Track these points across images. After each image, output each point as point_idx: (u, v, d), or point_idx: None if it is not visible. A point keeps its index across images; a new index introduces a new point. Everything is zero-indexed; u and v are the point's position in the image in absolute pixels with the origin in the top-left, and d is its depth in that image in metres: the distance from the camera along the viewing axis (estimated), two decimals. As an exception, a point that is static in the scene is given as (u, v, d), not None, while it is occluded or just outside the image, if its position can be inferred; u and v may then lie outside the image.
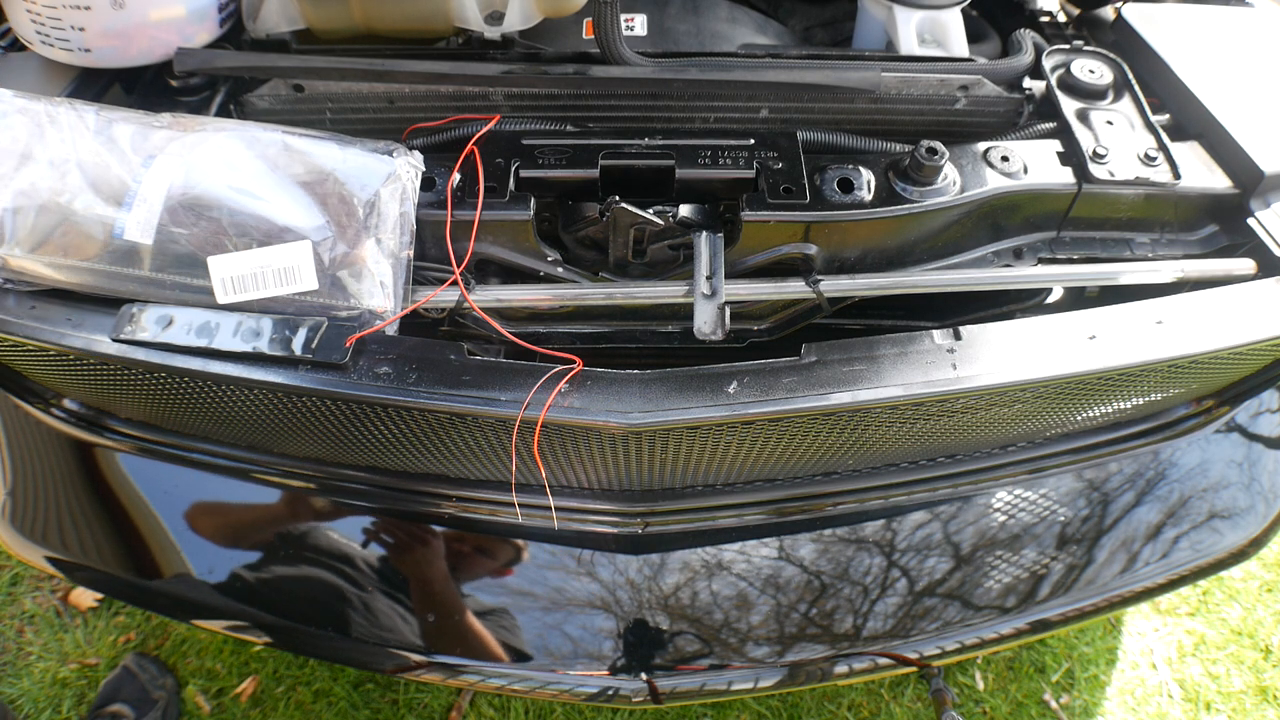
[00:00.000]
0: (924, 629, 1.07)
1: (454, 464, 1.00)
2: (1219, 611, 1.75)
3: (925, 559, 1.10)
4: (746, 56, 0.98)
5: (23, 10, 0.86)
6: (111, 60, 0.89)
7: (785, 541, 1.10)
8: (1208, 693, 1.64)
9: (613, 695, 1.05)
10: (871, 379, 0.77)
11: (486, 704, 1.59)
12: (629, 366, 0.80)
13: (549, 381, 0.76)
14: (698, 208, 0.86)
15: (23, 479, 1.17)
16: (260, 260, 0.70)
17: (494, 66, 0.90)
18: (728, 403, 0.77)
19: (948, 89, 0.95)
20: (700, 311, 0.78)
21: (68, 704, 1.59)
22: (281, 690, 1.60)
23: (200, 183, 0.72)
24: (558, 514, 1.08)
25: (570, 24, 1.07)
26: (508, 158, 0.83)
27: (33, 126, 0.73)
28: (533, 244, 0.83)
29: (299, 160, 0.75)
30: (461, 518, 1.11)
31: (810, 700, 1.60)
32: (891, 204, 0.82)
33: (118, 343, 0.75)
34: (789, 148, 0.85)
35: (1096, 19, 1.16)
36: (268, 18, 0.96)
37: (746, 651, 1.06)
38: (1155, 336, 0.81)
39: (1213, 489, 1.17)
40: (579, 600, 1.07)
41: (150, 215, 0.71)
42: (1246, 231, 0.88)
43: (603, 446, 0.87)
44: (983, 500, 1.13)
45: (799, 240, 0.83)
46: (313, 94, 0.93)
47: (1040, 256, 0.93)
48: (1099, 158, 0.87)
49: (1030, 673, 1.66)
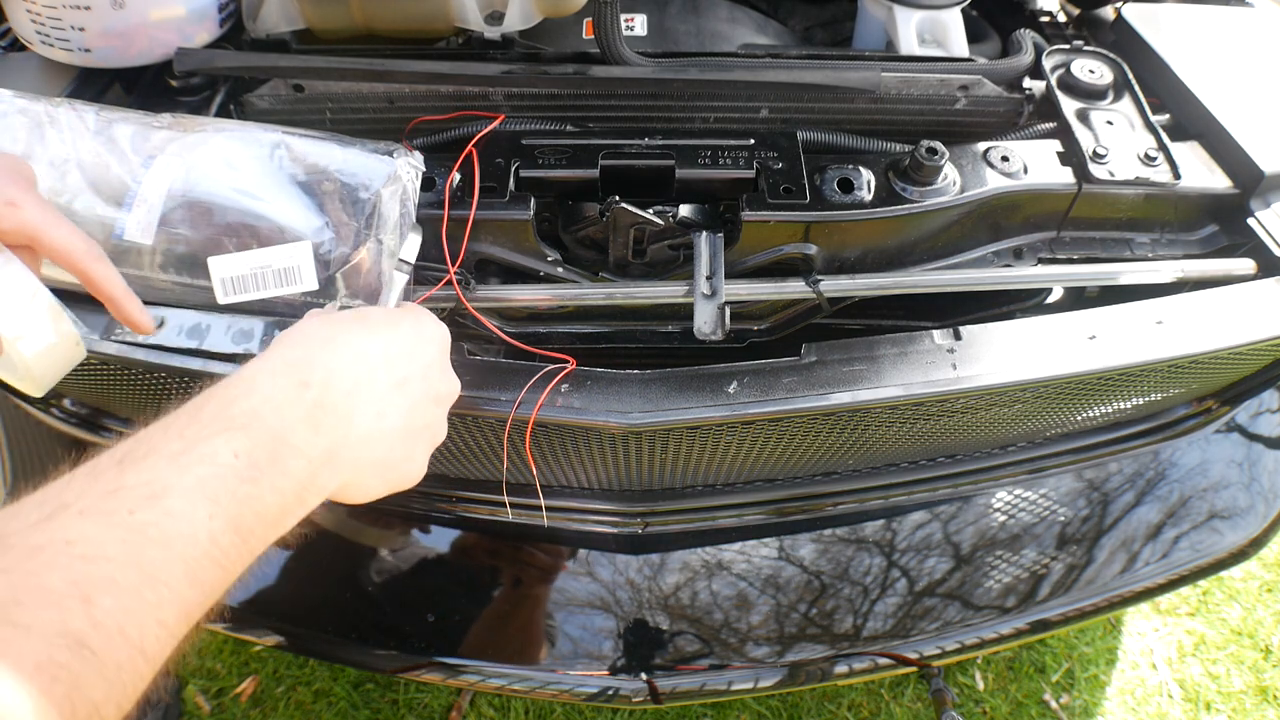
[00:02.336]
0: (924, 629, 1.07)
1: (454, 464, 1.00)
2: (1219, 611, 1.75)
3: (925, 559, 1.10)
4: (746, 56, 0.98)
5: (23, 10, 0.86)
6: (111, 60, 0.89)
7: (785, 541, 1.10)
8: (1208, 693, 1.64)
9: (613, 695, 1.05)
10: (871, 379, 0.77)
11: (486, 704, 1.59)
12: (629, 366, 0.80)
13: (544, 381, 0.76)
14: (698, 208, 0.86)
15: (23, 479, 1.17)
16: (260, 261, 0.70)
17: (494, 66, 0.90)
18: (728, 403, 0.77)
19: (948, 89, 0.95)
20: (700, 311, 0.78)
21: (68, 704, 1.59)
22: (281, 690, 1.60)
23: (201, 183, 0.72)
24: (558, 515, 1.08)
25: (570, 24, 1.07)
26: (508, 157, 0.83)
27: (32, 126, 0.73)
28: (533, 244, 0.83)
29: (299, 161, 0.75)
30: (461, 518, 1.11)
31: (810, 700, 1.60)
32: (891, 204, 0.82)
33: (110, 342, 0.76)
34: (789, 148, 0.85)
35: (1096, 19, 1.16)
36: (268, 18, 0.96)
37: (746, 651, 1.06)
38: (1155, 337, 0.81)
39: (1213, 489, 1.17)
40: (579, 600, 1.07)
41: (150, 216, 0.71)
42: (1246, 231, 0.88)
43: (603, 446, 0.87)
44: (983, 500, 1.13)
45: (799, 240, 0.83)
46: (313, 94, 0.93)
47: (1040, 256, 0.93)
48: (1099, 158, 0.87)
49: (1030, 673, 1.66)
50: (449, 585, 1.11)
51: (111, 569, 0.40)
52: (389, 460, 0.59)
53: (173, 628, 0.42)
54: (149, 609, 0.41)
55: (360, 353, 0.57)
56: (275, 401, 0.51)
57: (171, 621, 0.42)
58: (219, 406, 0.49)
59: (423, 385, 0.61)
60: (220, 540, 0.45)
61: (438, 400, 0.64)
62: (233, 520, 0.46)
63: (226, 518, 0.45)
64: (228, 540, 0.45)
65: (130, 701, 0.40)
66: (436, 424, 0.64)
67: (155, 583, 0.41)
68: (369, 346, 0.58)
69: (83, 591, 0.39)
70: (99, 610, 0.39)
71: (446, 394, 0.65)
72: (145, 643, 0.40)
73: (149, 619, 0.41)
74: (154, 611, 0.41)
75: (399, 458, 0.60)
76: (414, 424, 0.60)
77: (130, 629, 0.40)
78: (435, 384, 0.63)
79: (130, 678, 0.40)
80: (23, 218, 0.56)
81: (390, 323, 0.62)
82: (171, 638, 0.42)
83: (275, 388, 0.52)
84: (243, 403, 0.50)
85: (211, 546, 0.44)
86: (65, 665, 0.37)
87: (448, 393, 0.66)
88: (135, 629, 0.40)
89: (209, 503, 0.45)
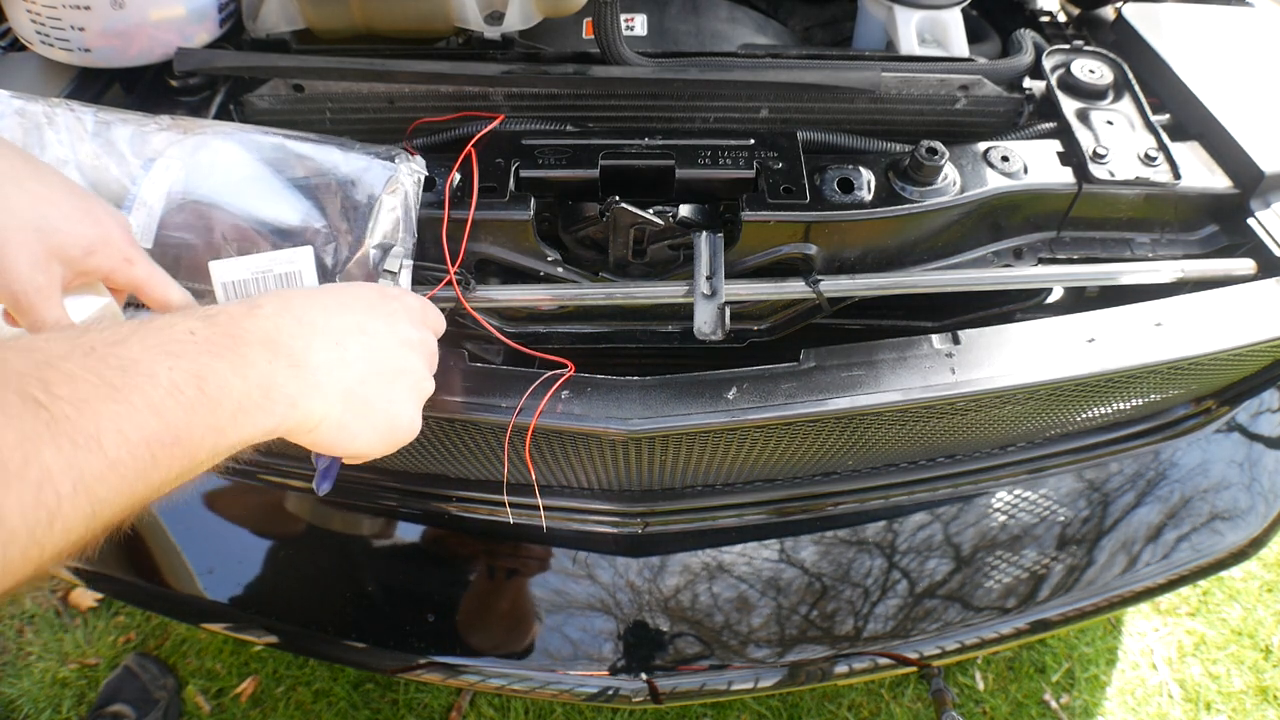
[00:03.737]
0: (924, 629, 1.07)
1: (454, 465, 1.00)
2: (1219, 611, 1.76)
3: (925, 559, 1.10)
4: (746, 56, 0.98)
5: (22, 10, 0.86)
6: (111, 60, 0.89)
7: (785, 542, 1.10)
8: (1208, 693, 1.64)
9: (613, 695, 1.05)
10: (870, 384, 0.77)
11: (486, 704, 1.59)
12: (629, 366, 0.80)
13: (545, 388, 0.76)
14: (698, 208, 0.86)
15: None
16: (261, 264, 0.70)
17: (494, 66, 0.90)
18: (727, 408, 0.77)
19: (948, 89, 0.95)
20: (700, 311, 0.78)
21: (68, 704, 1.59)
22: (281, 690, 1.60)
23: (200, 186, 0.72)
24: (558, 515, 1.08)
25: (570, 24, 1.07)
26: (508, 158, 0.83)
27: (30, 128, 0.73)
28: (533, 244, 0.83)
29: (300, 163, 0.75)
30: (462, 519, 1.11)
31: (810, 700, 1.60)
32: (891, 204, 0.82)
33: None
34: (789, 148, 0.85)
35: (1096, 19, 1.16)
36: (268, 18, 0.96)
37: (746, 651, 1.06)
38: (1155, 338, 0.81)
39: (1213, 489, 1.17)
40: (579, 600, 1.07)
41: (150, 219, 0.71)
42: (1246, 231, 0.88)
43: (603, 451, 0.87)
44: (983, 501, 1.13)
45: (799, 240, 0.83)
46: (313, 94, 0.93)
47: (1040, 256, 0.93)
48: (1099, 158, 0.87)
49: (1030, 673, 1.66)
50: (449, 585, 1.11)
51: (70, 367, 0.40)
52: (365, 397, 0.58)
53: (133, 446, 0.41)
54: (108, 415, 0.40)
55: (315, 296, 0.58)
56: (229, 312, 0.52)
57: (132, 437, 0.41)
58: (169, 319, 0.49)
59: (387, 329, 0.61)
60: (183, 389, 0.44)
61: (406, 344, 0.63)
62: (194, 376, 0.45)
63: (187, 372, 0.45)
64: (191, 391, 0.44)
65: (83, 504, 0.39)
66: (411, 368, 0.63)
67: (114, 396, 0.41)
68: (325, 296, 0.59)
69: (41, 376, 0.39)
70: (57, 394, 0.39)
71: (417, 341, 0.65)
72: (104, 439, 0.39)
73: (107, 423, 0.40)
74: (113, 420, 0.40)
75: (376, 397, 0.59)
76: (382, 364, 0.60)
77: (85, 423, 0.39)
78: (400, 330, 0.63)
79: (84, 468, 0.38)
80: (135, 274, 0.63)
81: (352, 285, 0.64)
82: (133, 458, 0.41)
83: (234, 307, 0.53)
84: (194, 313, 0.50)
85: (173, 389, 0.43)
86: (19, 414, 0.37)
87: (418, 340, 0.65)
88: (90, 422, 0.39)
89: (167, 357, 0.44)
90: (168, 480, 0.44)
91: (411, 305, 0.66)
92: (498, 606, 1.10)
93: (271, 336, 0.52)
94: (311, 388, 0.54)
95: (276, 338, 0.52)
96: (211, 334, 0.48)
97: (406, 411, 0.63)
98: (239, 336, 0.50)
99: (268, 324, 0.53)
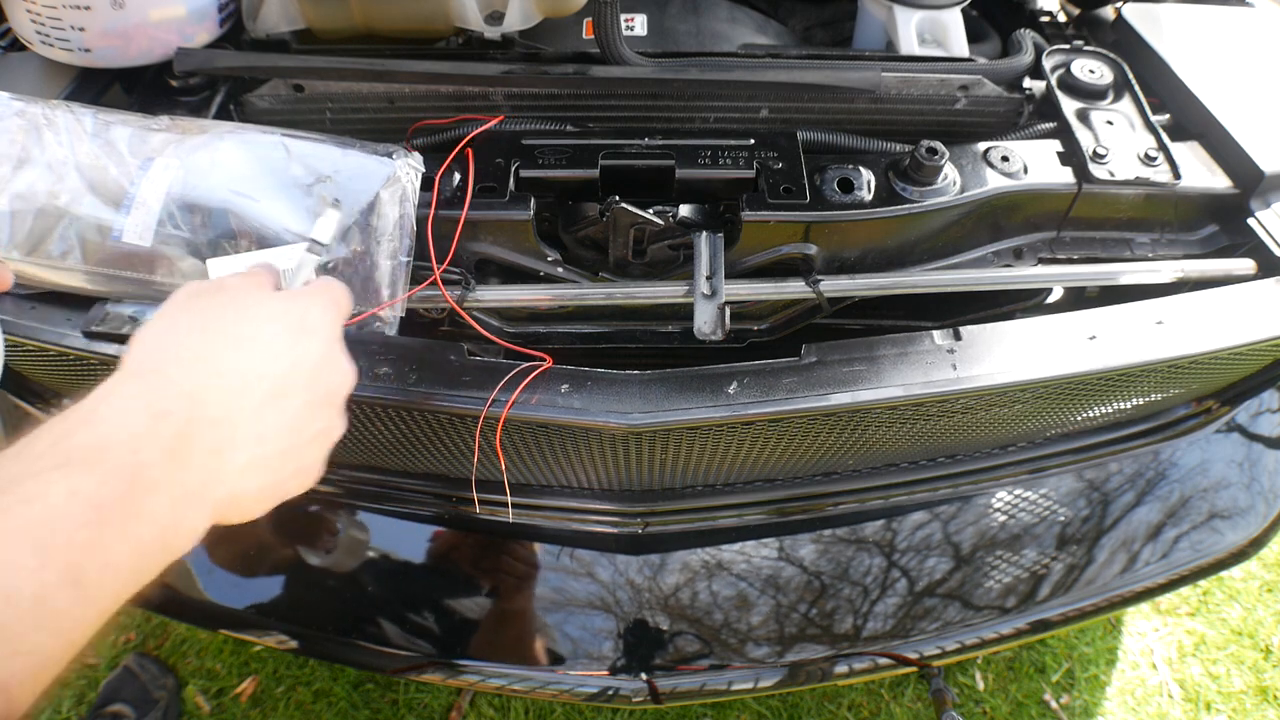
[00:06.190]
0: (924, 629, 1.07)
1: (454, 465, 1.00)
2: (1219, 611, 1.75)
3: (925, 559, 1.10)
4: (746, 56, 0.98)
5: (23, 10, 0.86)
6: (111, 60, 0.89)
7: (785, 541, 1.10)
8: (1208, 693, 1.64)
9: (613, 695, 1.05)
10: (871, 379, 0.77)
11: (486, 704, 1.59)
12: (629, 366, 0.80)
13: (532, 379, 0.76)
14: (698, 208, 0.86)
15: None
16: (259, 262, 0.70)
17: (494, 66, 0.90)
18: (728, 403, 0.77)
19: (948, 89, 0.95)
20: (700, 311, 0.78)
21: (67, 704, 1.59)
22: (281, 690, 1.60)
23: (199, 186, 0.72)
24: (558, 515, 1.08)
25: (570, 24, 1.07)
26: (507, 157, 0.83)
27: (30, 129, 0.73)
28: (532, 244, 0.83)
29: (298, 163, 0.75)
30: (462, 518, 1.11)
31: (810, 700, 1.60)
32: (891, 204, 0.82)
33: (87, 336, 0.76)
34: (789, 148, 0.85)
35: (1096, 19, 1.16)
36: (268, 18, 0.96)
37: (746, 651, 1.06)
38: (1155, 337, 0.81)
39: (1213, 489, 1.17)
40: (579, 600, 1.07)
41: (148, 218, 0.71)
42: (1246, 231, 0.88)
43: (603, 447, 0.87)
44: (983, 500, 1.13)
45: (799, 240, 0.83)
46: (313, 94, 0.93)
47: (1040, 256, 0.93)
48: (1099, 158, 0.87)
49: (1030, 673, 1.66)
50: (449, 585, 1.11)
51: None
52: (276, 481, 0.52)
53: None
54: None
55: (227, 369, 0.49)
56: (126, 433, 0.43)
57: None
58: (53, 439, 0.42)
59: (307, 391, 0.53)
60: (53, 599, 0.37)
61: (328, 399, 0.55)
62: (70, 573, 0.37)
63: (60, 569, 0.37)
64: (65, 598, 0.37)
65: None
66: (330, 425, 0.56)
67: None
68: (237, 361, 0.50)
69: None
70: None
71: (338, 388, 0.56)
72: None
73: None
74: None
75: (288, 475, 0.53)
76: (302, 437, 0.53)
77: None
78: (323, 382, 0.55)
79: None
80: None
81: (267, 317, 0.53)
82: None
83: (126, 418, 0.43)
84: (83, 434, 0.42)
85: (37, 607, 0.36)
86: None
87: (339, 385, 0.56)
88: None
89: (35, 552, 0.37)
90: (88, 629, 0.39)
91: (330, 328, 0.57)
92: (497, 606, 1.10)
93: (180, 454, 0.44)
94: (221, 503, 0.48)
95: (187, 455, 0.44)
96: (98, 489, 0.40)
97: (313, 469, 0.55)
98: (136, 475, 0.41)
99: (176, 441, 0.44)
